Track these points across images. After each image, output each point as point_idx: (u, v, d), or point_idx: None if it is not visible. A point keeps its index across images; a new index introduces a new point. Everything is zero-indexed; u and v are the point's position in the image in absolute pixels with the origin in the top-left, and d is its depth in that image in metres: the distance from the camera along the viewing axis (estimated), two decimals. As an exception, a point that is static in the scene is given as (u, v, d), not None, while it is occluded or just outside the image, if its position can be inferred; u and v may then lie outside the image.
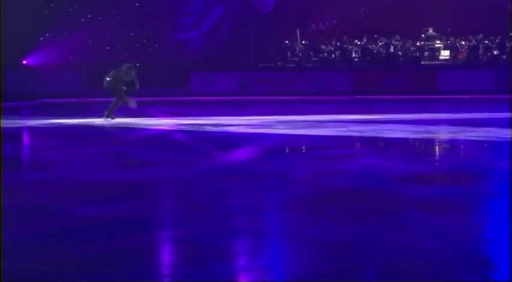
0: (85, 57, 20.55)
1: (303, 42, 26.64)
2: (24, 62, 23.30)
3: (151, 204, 5.37)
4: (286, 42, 26.65)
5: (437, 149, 9.43)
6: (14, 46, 21.49)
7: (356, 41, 26.30)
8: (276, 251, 4.00)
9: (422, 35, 25.68)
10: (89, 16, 23.72)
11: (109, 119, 12.71)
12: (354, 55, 26.11)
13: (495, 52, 25.16)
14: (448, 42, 25.61)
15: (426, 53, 25.69)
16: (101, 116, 12.92)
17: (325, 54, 26.23)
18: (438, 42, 25.62)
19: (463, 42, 25.66)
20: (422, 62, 25.37)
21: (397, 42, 26.04)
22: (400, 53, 25.89)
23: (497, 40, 25.31)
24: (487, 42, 25.46)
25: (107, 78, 12.89)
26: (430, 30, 25.41)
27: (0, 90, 19.01)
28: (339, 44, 26.23)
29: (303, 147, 9.65)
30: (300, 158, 8.42)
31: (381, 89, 22.79)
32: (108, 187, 6.11)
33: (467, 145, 9.41)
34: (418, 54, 25.71)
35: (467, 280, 3.41)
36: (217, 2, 25.54)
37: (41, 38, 23.39)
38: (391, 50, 25.90)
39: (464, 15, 24.50)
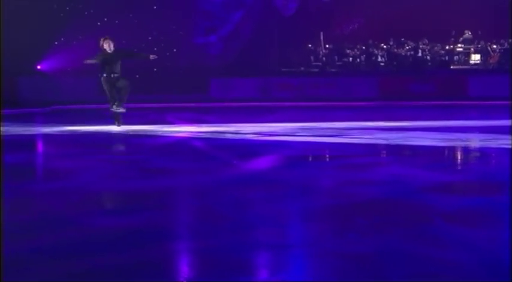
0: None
1: (327, 46, 26.36)
2: (38, 67, 23.37)
3: (169, 214, 5.32)
4: (310, 46, 26.38)
5: (467, 158, 9.24)
6: (28, 51, 21.52)
7: (382, 44, 25.95)
8: (298, 264, 3.90)
9: (456, 38, 25.27)
10: (105, 19, 23.66)
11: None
12: (380, 59, 25.77)
13: (528, 56, 24.64)
14: (479, 46, 25.15)
15: (456, 57, 25.27)
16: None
17: (350, 58, 25.93)
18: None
19: (494, 46, 25.18)
20: (451, 67, 24.96)
21: (425, 46, 25.64)
22: (428, 57, 25.49)
23: (529, 43, 24.80)
24: (519, 45, 24.95)
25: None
26: (467, 33, 24.99)
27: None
28: (364, 47, 25.90)
29: (327, 156, 9.46)
30: (324, 166, 8.24)
31: (408, 95, 22.44)
32: (125, 197, 6.06)
33: (498, 153, 9.13)
34: (447, 58, 25.29)
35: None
36: (238, 5, 25.36)
37: (56, 43, 23.43)
38: (419, 54, 25.53)
39: (495, 18, 24.03)
